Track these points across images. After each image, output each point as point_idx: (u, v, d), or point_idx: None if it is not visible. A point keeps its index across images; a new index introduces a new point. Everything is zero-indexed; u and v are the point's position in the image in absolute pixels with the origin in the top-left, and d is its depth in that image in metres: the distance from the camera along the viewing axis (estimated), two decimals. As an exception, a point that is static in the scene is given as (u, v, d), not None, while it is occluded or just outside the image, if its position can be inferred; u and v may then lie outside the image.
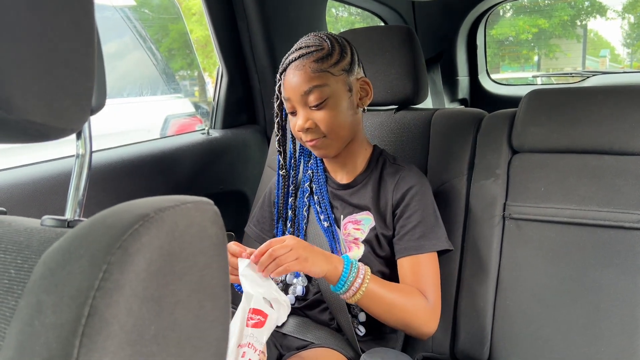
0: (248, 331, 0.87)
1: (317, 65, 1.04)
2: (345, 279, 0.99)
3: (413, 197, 1.10)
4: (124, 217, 0.39)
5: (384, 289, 1.03)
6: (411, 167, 1.16)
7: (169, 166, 1.48)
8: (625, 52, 7.92)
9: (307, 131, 1.07)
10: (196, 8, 1.67)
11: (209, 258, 0.43)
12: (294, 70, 1.05)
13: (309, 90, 1.04)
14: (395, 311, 1.03)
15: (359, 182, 1.16)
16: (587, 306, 1.09)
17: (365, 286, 0.99)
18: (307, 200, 1.19)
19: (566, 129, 1.18)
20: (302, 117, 1.06)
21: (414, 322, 1.05)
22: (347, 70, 1.08)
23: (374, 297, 1.01)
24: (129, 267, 0.37)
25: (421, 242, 1.08)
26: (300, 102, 1.05)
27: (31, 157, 1.20)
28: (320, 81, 1.04)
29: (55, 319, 0.36)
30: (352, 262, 1.01)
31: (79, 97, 0.46)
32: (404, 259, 1.09)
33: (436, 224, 1.12)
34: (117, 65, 2.53)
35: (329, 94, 1.05)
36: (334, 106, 1.05)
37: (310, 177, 1.21)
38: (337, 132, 1.08)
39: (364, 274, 1.01)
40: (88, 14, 0.46)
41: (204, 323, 0.43)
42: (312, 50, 1.05)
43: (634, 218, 1.08)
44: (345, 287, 0.99)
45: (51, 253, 0.40)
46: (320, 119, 1.05)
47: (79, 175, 0.59)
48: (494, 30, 6.40)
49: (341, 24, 5.19)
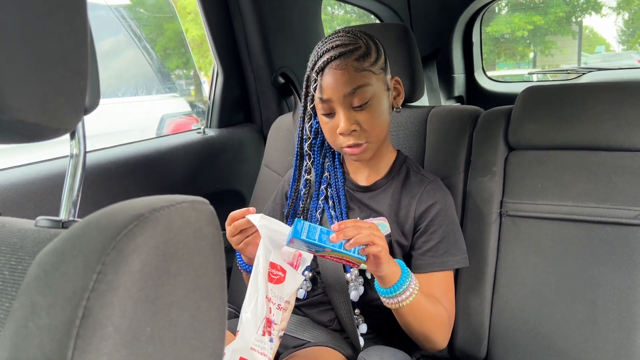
0: (270, 286, 0.88)
1: (359, 64, 0.99)
2: (400, 286, 0.96)
3: (438, 212, 1.08)
4: (118, 217, 0.39)
5: (425, 303, 1.01)
6: (436, 179, 1.14)
7: (165, 166, 1.48)
8: (620, 49, 7.94)
9: (351, 133, 1.02)
10: (191, 7, 1.67)
11: (204, 258, 0.43)
12: (334, 70, 0.99)
13: (353, 91, 0.99)
14: (425, 325, 1.03)
15: (380, 187, 1.13)
16: (584, 302, 1.10)
17: (412, 297, 0.97)
18: (322, 203, 1.16)
19: (562, 125, 1.18)
20: (345, 118, 1.00)
21: (435, 337, 1.05)
22: (384, 69, 1.05)
23: (414, 310, 0.99)
24: (123, 267, 0.36)
25: (444, 259, 1.08)
26: (344, 103, 1.00)
27: (35, 156, 1.20)
28: (364, 81, 0.99)
29: (49, 320, 0.35)
30: (409, 272, 0.98)
31: (72, 96, 0.46)
32: (424, 274, 1.08)
33: (460, 240, 1.11)
34: (112, 65, 2.52)
35: (372, 94, 1.00)
36: (376, 106, 1.02)
37: (327, 179, 1.17)
38: (379, 135, 1.05)
39: (415, 285, 0.98)
40: (81, 13, 0.46)
41: (200, 323, 0.42)
42: (351, 48, 1.00)
43: (630, 214, 1.08)
44: (397, 293, 0.96)
45: (45, 254, 0.40)
46: (363, 120, 1.01)
47: (73, 175, 0.59)
48: (490, 27, 6.40)
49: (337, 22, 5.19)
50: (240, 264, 1.14)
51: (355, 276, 1.11)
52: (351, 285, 1.10)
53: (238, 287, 1.36)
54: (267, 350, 0.86)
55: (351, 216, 1.14)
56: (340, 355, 1.07)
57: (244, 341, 0.85)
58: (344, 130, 1.01)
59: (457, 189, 1.24)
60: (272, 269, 0.90)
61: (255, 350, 0.85)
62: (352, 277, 1.10)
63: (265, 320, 0.87)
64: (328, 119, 1.05)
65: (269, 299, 0.88)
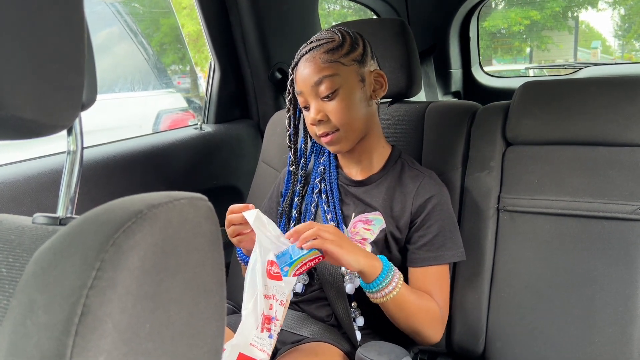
0: (271, 283, 0.89)
1: (327, 56, 1.04)
2: (382, 280, 0.98)
3: (435, 207, 1.10)
4: (116, 214, 0.39)
5: (410, 296, 1.03)
6: (431, 174, 1.15)
7: (162, 162, 1.48)
8: (616, 44, 7.95)
9: (319, 123, 1.06)
10: (187, 2, 1.66)
11: (203, 254, 0.43)
12: (304, 62, 1.06)
13: (319, 81, 1.03)
14: (413, 319, 1.04)
15: (374, 181, 1.15)
16: (581, 297, 1.10)
17: (396, 291, 0.99)
18: (316, 196, 1.18)
19: (560, 121, 1.18)
20: (314, 108, 1.06)
21: (425, 331, 1.07)
22: (359, 61, 1.07)
23: (399, 303, 1.01)
24: (122, 264, 0.36)
25: (440, 253, 1.09)
26: (312, 93, 1.05)
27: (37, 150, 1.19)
28: (330, 71, 1.04)
29: (47, 318, 0.35)
30: (390, 265, 1.01)
31: (70, 93, 0.46)
32: (419, 269, 1.09)
33: (456, 234, 1.12)
34: (108, 61, 2.51)
35: (340, 83, 1.04)
36: (345, 96, 1.05)
37: (321, 173, 1.19)
38: (350, 124, 1.07)
39: (398, 279, 1.01)
40: (77, 9, 0.46)
41: (199, 320, 0.42)
42: (323, 42, 1.06)
43: (627, 209, 1.08)
44: (379, 287, 0.99)
45: (43, 251, 0.40)
46: (331, 109, 1.05)
47: (70, 172, 0.58)
48: (486, 22, 6.40)
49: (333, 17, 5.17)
50: (240, 256, 1.15)
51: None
52: (346, 278, 1.11)
53: (237, 283, 1.36)
54: (266, 347, 0.87)
55: (345, 210, 1.15)
56: (338, 350, 1.07)
57: (243, 337, 0.85)
58: (311, 120, 1.06)
59: (455, 184, 1.24)
60: (270, 267, 0.90)
61: (254, 346, 0.86)
62: (347, 270, 1.11)
63: (264, 317, 0.87)
64: (306, 111, 1.09)
65: (269, 296, 0.89)
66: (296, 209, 1.19)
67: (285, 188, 1.21)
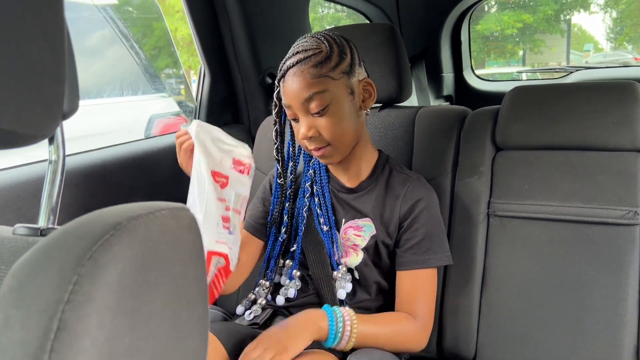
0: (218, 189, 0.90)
1: (316, 71, 1.00)
2: (335, 332, 0.98)
3: (422, 210, 1.09)
4: (95, 226, 0.38)
5: (374, 326, 1.04)
6: (419, 178, 1.15)
7: (152, 168, 1.47)
8: (608, 46, 8.00)
9: (310, 139, 1.04)
10: (180, 5, 1.65)
11: (184, 266, 0.43)
12: (292, 77, 1.02)
13: (309, 97, 1.00)
14: (387, 346, 1.05)
15: (364, 188, 1.14)
16: (571, 302, 1.10)
17: (355, 330, 0.99)
18: (308, 200, 1.17)
19: (549, 125, 1.19)
20: (305, 125, 1.03)
21: (404, 347, 1.08)
22: (348, 73, 1.04)
23: (366, 338, 1.02)
24: (100, 279, 0.36)
25: (426, 257, 1.08)
26: (302, 109, 1.02)
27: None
28: (320, 87, 1.00)
29: (23, 334, 0.35)
30: (335, 311, 1.00)
31: (49, 102, 0.45)
32: (406, 272, 1.09)
33: (442, 238, 1.12)
34: (99, 66, 2.50)
35: (330, 99, 1.01)
36: (336, 112, 1.02)
37: (312, 177, 1.18)
38: (341, 139, 1.05)
39: (350, 317, 1.00)
40: (57, 17, 0.45)
41: (181, 333, 0.42)
42: (310, 54, 1.01)
43: (616, 214, 1.09)
44: (337, 339, 0.99)
45: (20, 264, 0.39)
46: (323, 126, 1.02)
47: (52, 181, 0.58)
48: (480, 25, 6.43)
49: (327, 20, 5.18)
50: None
51: (342, 273, 1.11)
52: (338, 283, 1.11)
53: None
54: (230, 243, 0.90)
55: (337, 216, 1.15)
56: (331, 356, 1.07)
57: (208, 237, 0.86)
58: (302, 136, 1.04)
59: (445, 189, 1.24)
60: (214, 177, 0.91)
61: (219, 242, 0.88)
62: (339, 274, 1.11)
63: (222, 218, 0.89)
64: (295, 123, 1.07)
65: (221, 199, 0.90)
66: (287, 214, 1.19)
67: (273, 197, 1.19)
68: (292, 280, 1.15)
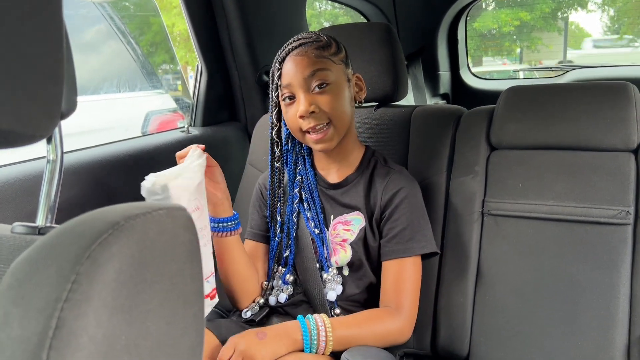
0: None
1: (319, 52, 1.06)
2: (309, 343, 0.99)
3: (402, 199, 1.10)
4: (93, 225, 0.39)
5: (353, 328, 1.04)
6: (402, 170, 1.16)
7: (149, 165, 1.47)
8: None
9: (310, 115, 1.05)
10: (177, 1, 1.65)
11: (181, 265, 0.43)
12: (295, 56, 1.06)
13: (312, 73, 1.04)
14: (368, 341, 1.05)
15: (350, 182, 1.16)
16: (564, 301, 1.11)
17: (331, 337, 1.00)
18: (297, 206, 1.18)
19: (543, 125, 1.19)
20: (305, 101, 1.04)
21: (387, 341, 1.07)
22: (345, 63, 1.10)
23: (345, 340, 1.02)
24: (97, 277, 0.36)
25: (409, 245, 1.09)
26: (303, 86, 1.05)
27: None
28: (323, 65, 1.05)
29: (21, 331, 0.35)
30: (308, 320, 1.01)
31: (48, 102, 0.45)
32: (390, 262, 1.10)
33: (425, 227, 1.12)
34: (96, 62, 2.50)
35: (331, 79, 1.06)
36: (336, 91, 1.06)
37: (300, 183, 1.19)
38: (341, 117, 1.07)
39: (324, 324, 1.01)
40: (56, 17, 0.45)
41: (177, 330, 0.42)
42: (312, 40, 1.07)
43: (609, 214, 1.10)
44: (315, 345, 0.99)
45: (19, 263, 0.40)
46: (323, 102, 1.05)
47: (50, 180, 0.58)
48: (477, 23, 6.43)
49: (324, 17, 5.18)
50: None
51: (333, 275, 1.12)
52: (329, 285, 1.12)
53: (221, 288, 1.35)
54: None
55: (326, 214, 1.16)
56: (326, 356, 1.07)
57: None
58: (304, 111, 1.04)
59: (440, 188, 1.25)
60: None
61: None
62: (329, 276, 1.13)
63: None
64: (290, 107, 1.07)
65: None
66: (279, 214, 1.20)
67: (269, 185, 1.20)
68: (286, 285, 1.17)
